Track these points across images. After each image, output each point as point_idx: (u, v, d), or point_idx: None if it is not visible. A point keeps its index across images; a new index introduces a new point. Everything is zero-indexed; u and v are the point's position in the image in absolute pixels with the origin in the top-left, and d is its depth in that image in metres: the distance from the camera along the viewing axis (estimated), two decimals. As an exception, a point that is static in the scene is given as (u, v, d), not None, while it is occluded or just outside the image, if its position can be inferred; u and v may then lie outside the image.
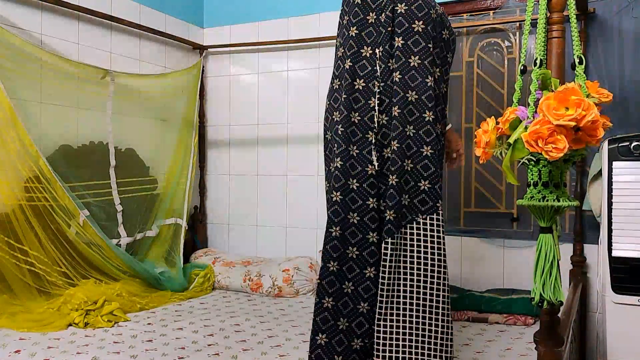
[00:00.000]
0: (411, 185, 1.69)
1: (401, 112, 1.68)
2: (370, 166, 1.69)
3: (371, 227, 1.68)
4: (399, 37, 1.70)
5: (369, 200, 1.68)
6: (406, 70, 1.69)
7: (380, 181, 1.70)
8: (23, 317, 2.28)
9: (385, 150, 1.70)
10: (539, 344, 1.34)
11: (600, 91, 1.24)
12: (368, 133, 1.70)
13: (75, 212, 2.54)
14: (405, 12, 1.71)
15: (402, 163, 1.67)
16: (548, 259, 1.23)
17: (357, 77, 1.73)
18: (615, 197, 2.30)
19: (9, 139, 2.36)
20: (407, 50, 1.70)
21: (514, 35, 2.96)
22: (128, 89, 3.04)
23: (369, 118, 1.71)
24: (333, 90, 1.80)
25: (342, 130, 1.70)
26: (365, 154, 1.69)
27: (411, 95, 1.69)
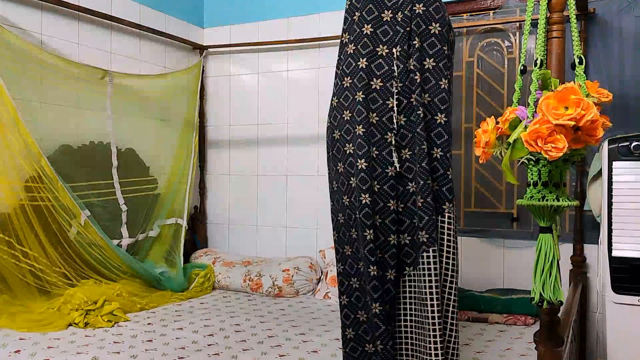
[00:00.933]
0: (421, 185, 1.69)
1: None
2: (390, 168, 1.69)
3: (392, 229, 1.69)
4: (417, 38, 1.70)
5: (390, 203, 1.69)
6: (421, 73, 1.70)
7: (399, 182, 1.70)
8: (23, 317, 2.28)
9: (403, 151, 1.71)
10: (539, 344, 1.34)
11: (600, 91, 1.24)
12: (387, 134, 1.70)
13: (76, 212, 2.54)
14: (423, 13, 1.71)
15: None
16: (548, 259, 1.23)
17: (374, 76, 1.72)
18: (615, 197, 2.30)
19: (12, 138, 2.36)
20: (423, 53, 1.70)
21: (514, 35, 2.96)
22: (128, 89, 3.04)
23: (387, 119, 1.70)
24: (344, 89, 1.76)
25: (363, 131, 1.69)
26: (385, 155, 1.69)
27: (424, 98, 1.70)
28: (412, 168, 1.69)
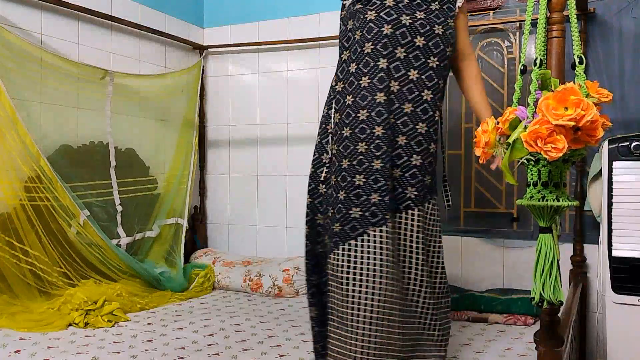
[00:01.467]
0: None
1: (414, 110, 1.74)
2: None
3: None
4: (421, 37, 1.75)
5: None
6: (424, 71, 1.75)
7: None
8: (23, 317, 2.28)
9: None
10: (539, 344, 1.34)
11: (600, 91, 1.24)
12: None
13: (75, 212, 2.54)
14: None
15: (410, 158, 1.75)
16: (548, 259, 1.23)
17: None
18: (615, 197, 2.30)
19: (10, 138, 2.36)
20: (428, 51, 1.75)
21: (514, 35, 2.96)
22: (128, 89, 3.04)
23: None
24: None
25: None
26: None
27: (426, 95, 1.75)
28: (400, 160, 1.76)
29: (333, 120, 1.83)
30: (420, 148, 1.75)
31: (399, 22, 1.74)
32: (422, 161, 1.75)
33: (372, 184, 1.68)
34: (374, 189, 1.68)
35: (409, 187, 1.74)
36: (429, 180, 1.78)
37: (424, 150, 1.76)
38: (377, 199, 1.67)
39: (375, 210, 1.67)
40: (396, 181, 1.73)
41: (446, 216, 3.12)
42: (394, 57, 1.73)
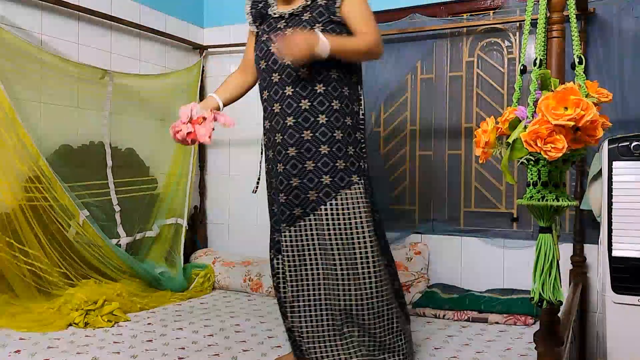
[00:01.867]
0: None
1: (311, 104, 1.86)
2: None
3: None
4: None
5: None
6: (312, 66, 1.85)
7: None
8: (23, 317, 2.28)
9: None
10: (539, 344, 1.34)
11: (599, 91, 1.24)
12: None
13: (75, 212, 2.54)
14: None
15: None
16: (547, 259, 1.23)
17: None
18: (615, 197, 2.30)
19: (9, 138, 2.36)
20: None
21: (514, 35, 2.96)
22: (127, 89, 3.04)
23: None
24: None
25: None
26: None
27: (319, 88, 1.87)
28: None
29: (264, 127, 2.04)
30: (325, 138, 1.83)
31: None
32: (329, 149, 1.83)
33: (307, 183, 1.85)
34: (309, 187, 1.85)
35: (323, 175, 1.84)
36: (342, 165, 1.84)
37: (329, 139, 1.84)
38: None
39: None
40: (311, 172, 1.84)
41: (445, 216, 3.12)
42: (282, 66, 1.86)
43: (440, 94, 3.14)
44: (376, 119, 3.29)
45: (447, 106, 3.12)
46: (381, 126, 3.29)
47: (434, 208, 3.14)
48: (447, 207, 3.12)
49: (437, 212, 3.14)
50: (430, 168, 3.16)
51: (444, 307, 2.61)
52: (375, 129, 3.29)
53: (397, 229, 3.19)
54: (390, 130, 3.27)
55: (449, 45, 3.12)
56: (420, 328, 2.41)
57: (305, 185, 1.84)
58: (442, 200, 3.13)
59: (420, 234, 3.13)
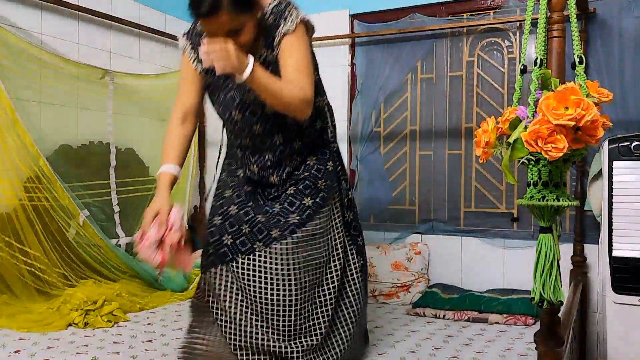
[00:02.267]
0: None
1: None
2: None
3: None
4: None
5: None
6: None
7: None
8: (23, 317, 2.28)
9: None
10: (539, 344, 1.34)
11: (600, 91, 1.24)
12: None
13: (75, 212, 2.53)
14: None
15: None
16: (548, 259, 1.23)
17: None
18: (615, 197, 2.30)
19: (10, 138, 2.36)
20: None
21: (514, 35, 2.96)
22: (128, 88, 3.04)
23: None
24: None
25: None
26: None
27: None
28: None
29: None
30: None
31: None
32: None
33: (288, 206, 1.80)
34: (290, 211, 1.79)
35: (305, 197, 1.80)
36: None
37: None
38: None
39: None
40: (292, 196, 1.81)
41: (445, 216, 3.12)
42: (234, 118, 1.81)
43: (440, 94, 3.14)
44: (376, 119, 3.29)
45: (447, 106, 3.12)
46: (381, 126, 3.29)
47: (434, 208, 3.14)
48: (447, 207, 3.12)
49: (437, 212, 3.14)
50: (430, 168, 3.16)
51: (444, 307, 2.61)
52: (375, 129, 3.29)
53: (397, 229, 3.19)
54: (390, 130, 3.27)
55: (449, 45, 3.12)
56: (421, 328, 2.41)
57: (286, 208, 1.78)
58: (442, 200, 3.13)
59: (420, 234, 3.13)
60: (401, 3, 3.17)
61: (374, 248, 3.06)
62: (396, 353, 2.05)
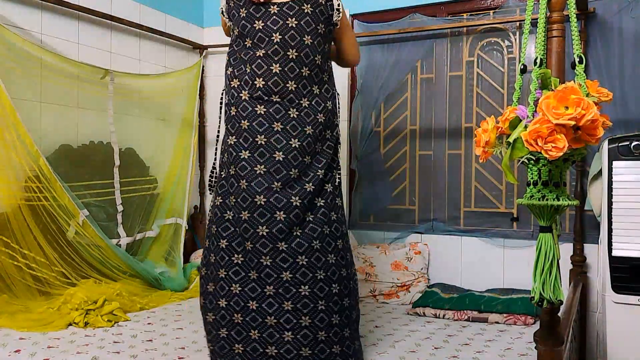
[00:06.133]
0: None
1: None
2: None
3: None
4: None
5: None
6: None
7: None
8: (23, 316, 2.28)
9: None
10: (539, 344, 1.34)
11: (600, 90, 1.24)
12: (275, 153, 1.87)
13: (74, 211, 2.53)
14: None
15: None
16: (548, 258, 1.23)
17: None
18: (615, 197, 2.30)
19: (10, 138, 2.36)
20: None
21: (514, 35, 2.96)
22: (128, 88, 3.04)
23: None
24: (242, 100, 1.93)
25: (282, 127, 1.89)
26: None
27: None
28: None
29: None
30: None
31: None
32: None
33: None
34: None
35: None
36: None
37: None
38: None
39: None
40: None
41: (445, 216, 3.12)
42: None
43: (440, 93, 3.14)
44: (376, 118, 3.29)
45: (447, 106, 3.12)
46: (381, 126, 3.29)
47: (434, 208, 3.15)
48: (447, 207, 3.12)
49: (437, 212, 3.14)
50: (430, 168, 3.16)
51: (444, 307, 2.61)
52: (375, 129, 3.29)
53: (397, 228, 3.19)
54: (390, 130, 3.27)
55: (449, 45, 3.12)
56: (420, 328, 2.41)
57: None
58: (442, 200, 3.13)
59: (420, 234, 3.14)
60: (401, 3, 3.17)
61: (373, 248, 3.06)
62: (396, 353, 2.05)
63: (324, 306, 1.76)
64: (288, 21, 1.83)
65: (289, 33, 1.82)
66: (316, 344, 1.74)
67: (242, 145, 1.81)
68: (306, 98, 1.85)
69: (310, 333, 1.74)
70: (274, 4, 1.85)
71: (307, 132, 1.83)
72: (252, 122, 1.81)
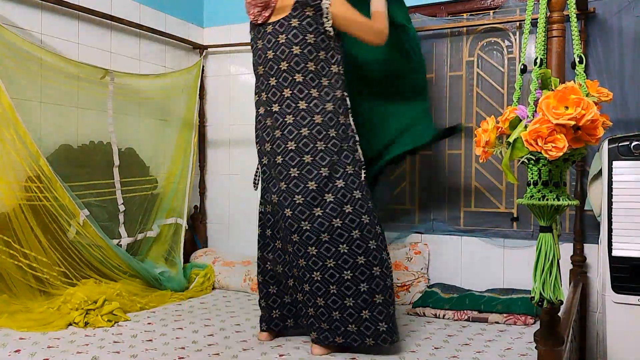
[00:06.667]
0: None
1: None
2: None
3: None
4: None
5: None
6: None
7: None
8: (23, 316, 2.28)
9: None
10: (539, 344, 1.34)
11: (600, 90, 1.24)
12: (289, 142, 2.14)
13: (75, 211, 2.53)
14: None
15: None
16: (548, 258, 1.23)
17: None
18: (615, 197, 2.30)
19: (10, 138, 2.36)
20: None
21: (514, 35, 2.96)
22: (128, 88, 3.04)
23: (288, 131, 2.13)
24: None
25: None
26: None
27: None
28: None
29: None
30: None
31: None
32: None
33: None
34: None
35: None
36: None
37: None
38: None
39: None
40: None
41: (445, 216, 3.12)
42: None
43: (440, 93, 3.14)
44: (376, 118, 3.29)
45: (447, 106, 3.12)
46: (381, 126, 3.29)
47: (434, 208, 3.14)
48: (447, 207, 3.12)
49: (437, 212, 3.13)
50: (430, 168, 3.16)
51: (444, 307, 2.61)
52: (375, 129, 3.28)
53: (397, 228, 3.19)
54: (390, 130, 3.27)
55: (449, 45, 3.12)
56: (420, 328, 2.41)
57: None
58: (442, 200, 3.13)
59: (420, 234, 3.13)
60: (401, 3, 3.17)
61: (374, 248, 3.06)
62: (396, 353, 2.05)
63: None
64: (279, 38, 2.05)
65: (280, 49, 2.05)
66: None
67: (261, 153, 2.21)
68: (303, 101, 2.03)
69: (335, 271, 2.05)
70: (269, 23, 2.07)
71: (303, 133, 2.03)
72: (262, 132, 2.16)
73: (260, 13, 2.08)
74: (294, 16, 2.02)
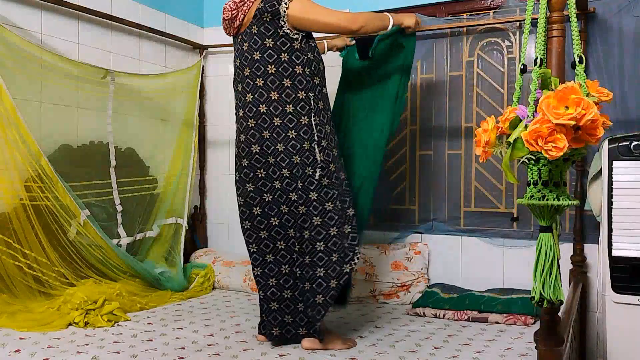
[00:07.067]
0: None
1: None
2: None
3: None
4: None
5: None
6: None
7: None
8: (23, 316, 2.28)
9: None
10: (539, 344, 1.34)
11: (600, 90, 1.24)
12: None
13: (76, 211, 2.53)
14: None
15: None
16: (548, 258, 1.23)
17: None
18: (615, 197, 2.30)
19: (11, 137, 2.36)
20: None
21: (514, 35, 2.96)
22: (128, 88, 3.04)
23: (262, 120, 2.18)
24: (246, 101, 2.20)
25: (295, 134, 2.12)
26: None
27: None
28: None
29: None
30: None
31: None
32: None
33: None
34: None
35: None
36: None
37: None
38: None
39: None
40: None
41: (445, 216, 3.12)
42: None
43: (440, 94, 3.14)
44: (376, 118, 3.29)
45: (447, 106, 3.12)
46: (381, 126, 3.29)
47: (434, 208, 3.14)
48: (447, 207, 3.12)
49: (437, 212, 3.13)
50: (430, 168, 3.16)
51: (443, 307, 2.61)
52: (375, 129, 3.28)
53: (397, 228, 3.19)
54: (390, 130, 3.26)
55: (449, 45, 3.12)
56: (420, 328, 2.41)
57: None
58: (442, 200, 3.13)
59: (420, 234, 3.13)
60: (401, 3, 3.17)
61: (373, 248, 3.06)
62: (396, 353, 2.05)
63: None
64: (244, 46, 2.12)
65: (244, 56, 2.13)
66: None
67: (240, 156, 2.20)
68: (264, 105, 2.09)
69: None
70: (238, 35, 2.16)
71: (265, 136, 2.08)
72: (238, 148, 2.19)
73: (230, 26, 2.17)
74: (254, 24, 2.08)
